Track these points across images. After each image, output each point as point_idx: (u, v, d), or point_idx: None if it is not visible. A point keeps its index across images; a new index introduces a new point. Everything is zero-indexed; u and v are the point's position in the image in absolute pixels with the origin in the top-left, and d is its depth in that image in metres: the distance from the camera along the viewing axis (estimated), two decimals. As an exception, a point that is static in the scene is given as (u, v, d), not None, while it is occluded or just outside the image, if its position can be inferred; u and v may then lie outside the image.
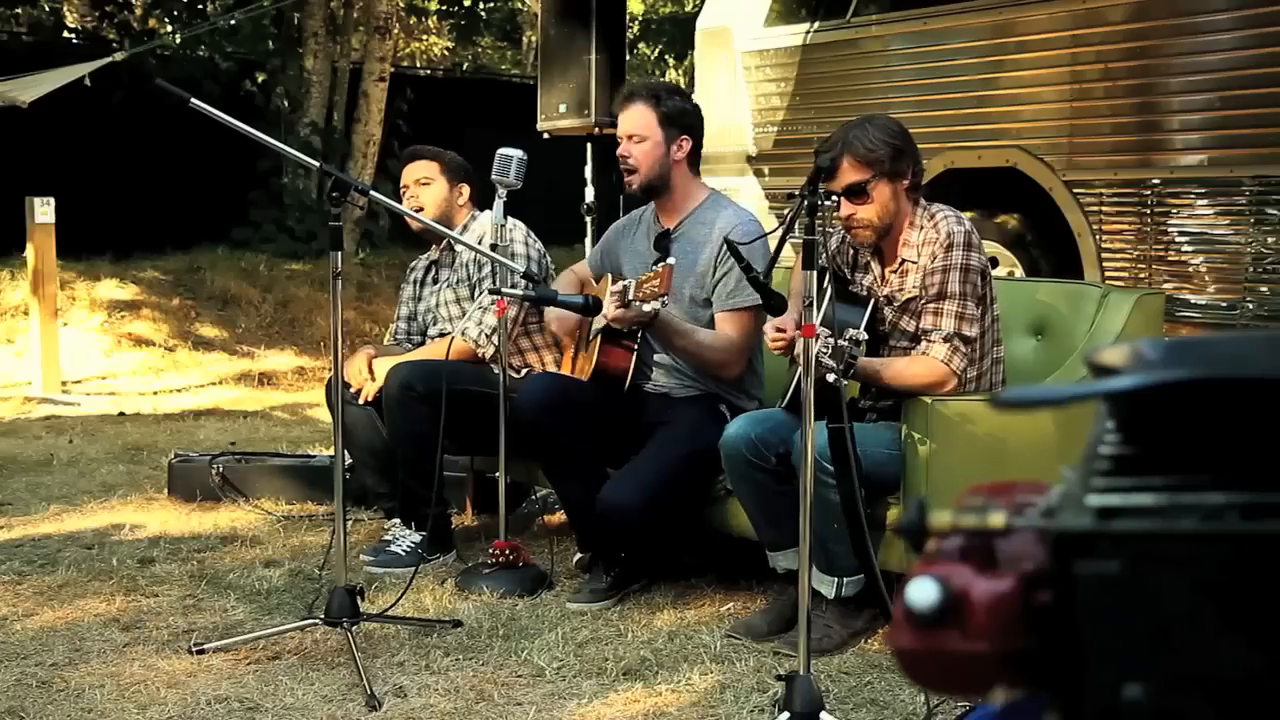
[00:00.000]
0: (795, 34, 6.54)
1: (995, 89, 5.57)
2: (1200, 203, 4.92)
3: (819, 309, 3.50)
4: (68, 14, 15.33)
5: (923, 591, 0.85)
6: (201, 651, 3.33)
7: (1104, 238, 5.27)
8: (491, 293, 3.85)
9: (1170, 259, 5.07)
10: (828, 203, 2.86)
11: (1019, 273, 5.65)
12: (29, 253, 7.63)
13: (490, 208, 4.03)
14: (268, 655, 3.34)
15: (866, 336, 3.05)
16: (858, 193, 3.33)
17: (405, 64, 20.32)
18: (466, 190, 4.45)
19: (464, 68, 19.29)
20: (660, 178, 3.90)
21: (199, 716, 2.95)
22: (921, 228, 3.40)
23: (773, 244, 3.16)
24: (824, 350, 2.89)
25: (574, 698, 3.06)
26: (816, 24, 6.48)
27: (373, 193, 3.36)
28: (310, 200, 11.30)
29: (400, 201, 4.41)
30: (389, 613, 3.51)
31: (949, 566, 0.88)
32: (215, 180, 10.65)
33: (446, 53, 19.88)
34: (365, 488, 4.60)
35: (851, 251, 3.62)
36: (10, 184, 8.42)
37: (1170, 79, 4.97)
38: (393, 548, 4.18)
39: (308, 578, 4.00)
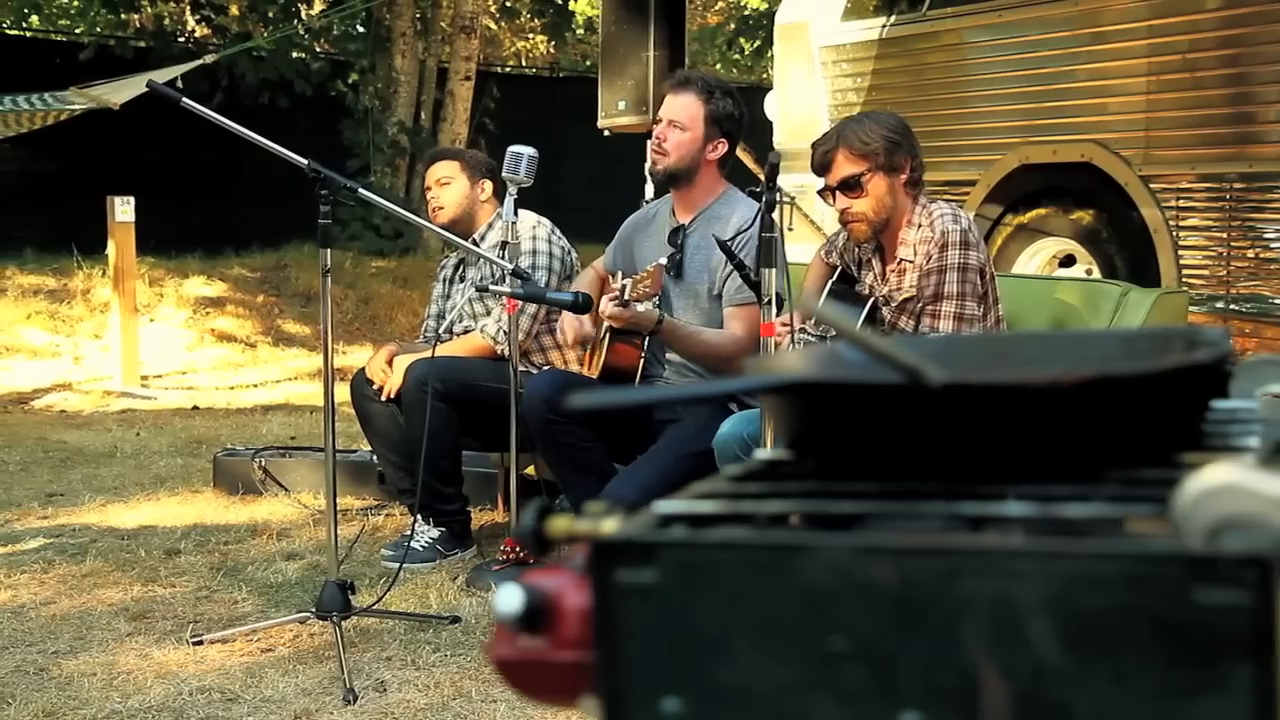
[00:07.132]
0: (872, 28, 6.45)
1: (1071, 82, 5.43)
2: (1281, 199, 4.75)
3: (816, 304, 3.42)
4: (189, 18, 15.72)
5: (507, 598, 0.80)
6: (200, 643, 3.37)
7: (1181, 234, 5.10)
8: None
9: (1249, 256, 4.90)
10: (784, 201, 2.78)
11: (1095, 270, 5.50)
12: (110, 250, 7.85)
13: (537, 206, 4.02)
14: (261, 648, 3.37)
15: (835, 333, 2.96)
16: (852, 186, 3.25)
17: (511, 63, 20.45)
18: (489, 186, 4.44)
19: (562, 66, 19.39)
20: (687, 170, 3.84)
21: (177, 706, 2.98)
22: (919, 226, 3.29)
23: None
24: (793, 346, 2.81)
25: (551, 698, 3.02)
26: (893, 17, 6.39)
27: (361, 190, 3.37)
28: (397, 198, 11.45)
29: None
30: (377, 607, 3.51)
31: (552, 574, 0.83)
32: (306, 179, 10.87)
33: (552, 50, 19.95)
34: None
35: (857, 249, 3.53)
36: (106, 183, 8.64)
37: (1250, 71, 4.80)
38: (412, 543, 4.19)
39: (323, 571, 4.01)
